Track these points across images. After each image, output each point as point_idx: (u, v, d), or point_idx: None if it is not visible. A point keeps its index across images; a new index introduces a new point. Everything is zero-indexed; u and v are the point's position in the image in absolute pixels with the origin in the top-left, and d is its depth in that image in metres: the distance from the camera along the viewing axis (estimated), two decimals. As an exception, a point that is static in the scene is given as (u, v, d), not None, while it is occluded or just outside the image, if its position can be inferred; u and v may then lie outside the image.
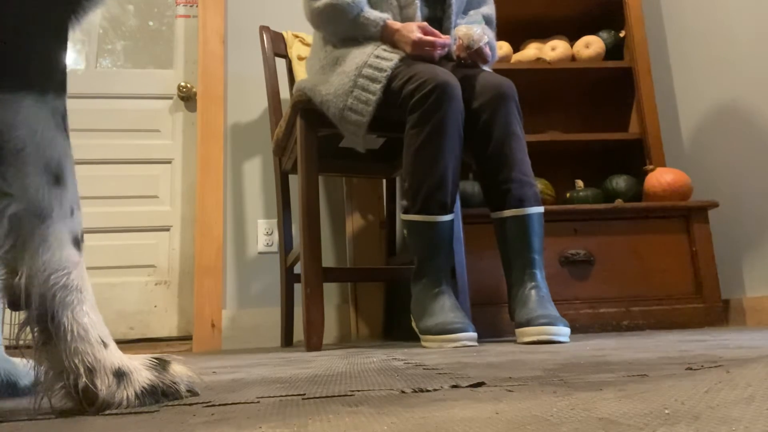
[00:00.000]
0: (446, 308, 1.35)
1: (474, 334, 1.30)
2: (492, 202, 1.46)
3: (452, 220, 1.41)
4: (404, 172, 1.43)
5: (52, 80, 0.54)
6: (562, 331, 1.25)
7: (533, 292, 1.35)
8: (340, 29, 1.56)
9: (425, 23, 1.53)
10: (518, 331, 1.30)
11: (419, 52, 1.49)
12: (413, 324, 1.44)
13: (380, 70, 1.46)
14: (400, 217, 1.46)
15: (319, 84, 1.55)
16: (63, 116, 0.55)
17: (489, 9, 1.74)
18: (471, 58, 1.55)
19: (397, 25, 1.53)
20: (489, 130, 1.44)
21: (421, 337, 1.37)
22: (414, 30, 1.49)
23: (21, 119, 0.51)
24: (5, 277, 0.51)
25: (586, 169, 2.32)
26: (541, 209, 1.42)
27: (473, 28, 1.51)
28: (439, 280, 1.40)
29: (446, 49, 1.53)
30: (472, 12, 1.72)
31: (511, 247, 1.42)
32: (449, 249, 1.43)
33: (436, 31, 1.52)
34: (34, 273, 0.50)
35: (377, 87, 1.44)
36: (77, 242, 0.54)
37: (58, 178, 0.53)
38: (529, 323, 1.27)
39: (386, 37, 1.53)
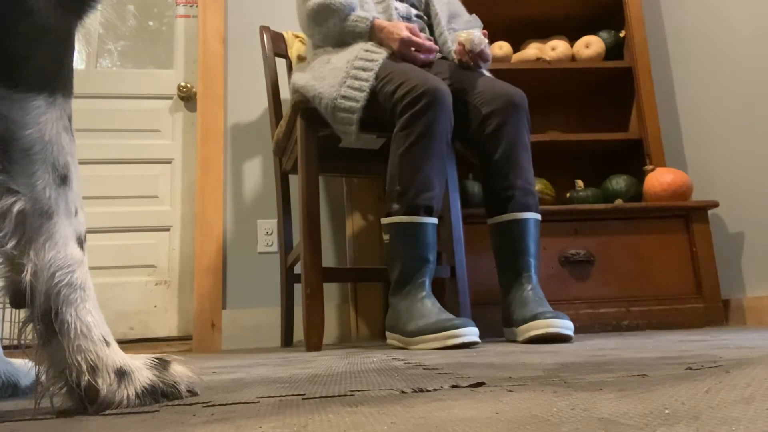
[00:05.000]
0: (437, 309, 1.32)
1: (476, 330, 1.25)
2: (492, 207, 1.47)
3: (436, 225, 1.41)
4: (390, 174, 1.43)
5: (61, 82, 0.55)
6: (568, 325, 1.25)
7: (532, 293, 1.36)
8: (332, 29, 1.60)
9: (414, 26, 1.59)
10: (522, 328, 1.29)
11: (405, 51, 1.54)
12: (391, 337, 1.39)
13: (371, 60, 1.50)
14: (382, 221, 1.43)
15: (312, 79, 1.56)
16: (70, 118, 0.56)
17: (470, 17, 1.81)
18: (472, 60, 1.58)
19: (385, 23, 1.58)
20: (498, 136, 1.46)
21: (413, 339, 1.29)
22: (402, 29, 1.54)
23: (31, 119, 0.52)
24: (10, 273, 0.51)
25: (586, 169, 2.32)
26: (539, 217, 1.45)
27: (474, 33, 1.55)
28: (424, 286, 1.36)
29: (432, 55, 1.60)
30: (468, 18, 1.79)
31: (509, 250, 1.42)
32: (433, 256, 1.40)
33: (423, 36, 1.58)
34: (39, 269, 0.51)
35: (370, 74, 1.47)
36: (81, 242, 0.55)
37: (64, 178, 0.53)
38: (536, 317, 1.26)
39: (374, 33, 1.58)
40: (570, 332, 1.25)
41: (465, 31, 1.59)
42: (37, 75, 0.53)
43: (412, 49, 1.54)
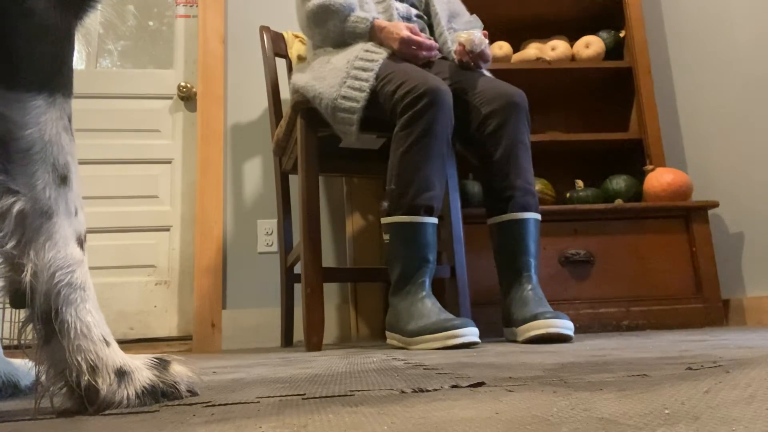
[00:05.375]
0: (437, 309, 1.32)
1: (476, 330, 1.25)
2: (493, 207, 1.47)
3: (436, 225, 1.41)
4: (390, 174, 1.42)
5: (61, 82, 0.55)
6: (568, 325, 1.25)
7: (532, 293, 1.36)
8: (332, 30, 1.60)
9: (414, 25, 1.58)
10: (522, 328, 1.29)
11: (405, 50, 1.53)
12: (391, 336, 1.39)
13: (371, 60, 1.50)
14: (382, 220, 1.43)
15: (312, 80, 1.56)
16: (69, 118, 0.56)
17: (470, 18, 1.81)
18: (473, 60, 1.58)
19: (385, 23, 1.57)
20: (498, 136, 1.46)
21: (413, 339, 1.29)
22: (402, 28, 1.54)
23: (31, 119, 0.52)
24: (10, 273, 0.51)
25: (586, 169, 2.32)
26: (539, 217, 1.45)
27: (474, 33, 1.55)
28: (424, 285, 1.36)
29: (433, 53, 1.59)
30: (468, 19, 1.79)
31: (509, 250, 1.42)
32: (433, 256, 1.40)
33: (423, 35, 1.57)
34: (39, 269, 0.51)
35: (370, 74, 1.47)
36: (81, 242, 0.54)
37: (64, 178, 0.53)
38: (536, 317, 1.25)
39: (374, 34, 1.57)
40: (570, 332, 1.25)
41: (465, 31, 1.59)
42: (36, 75, 0.53)
43: (413, 47, 1.54)
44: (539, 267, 1.47)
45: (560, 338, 1.23)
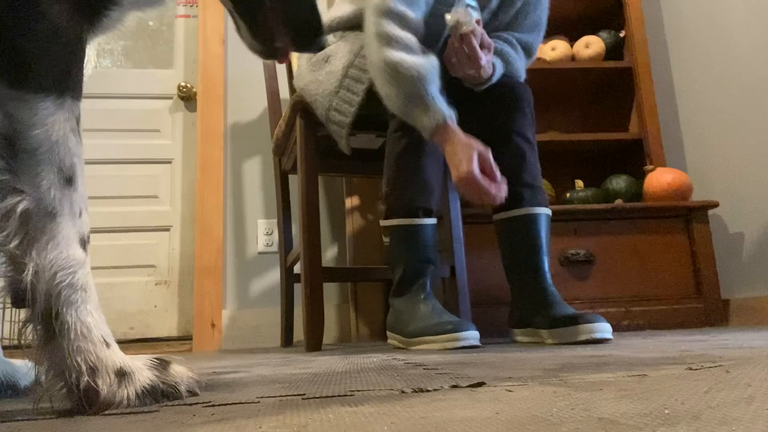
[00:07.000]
0: (438, 310, 1.30)
1: (477, 333, 1.23)
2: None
3: (435, 225, 1.38)
4: (386, 176, 1.39)
5: (70, 85, 0.55)
6: (607, 328, 1.19)
7: (550, 294, 1.31)
8: (397, 94, 1.27)
9: (485, 150, 1.21)
10: (556, 331, 1.23)
11: (463, 190, 1.22)
12: (392, 337, 1.37)
13: (365, 71, 1.41)
14: (381, 223, 1.40)
15: (310, 83, 1.54)
16: (78, 120, 0.56)
17: (529, 37, 1.54)
18: (462, 46, 1.33)
19: (451, 133, 1.23)
20: (503, 132, 1.41)
21: (413, 340, 1.27)
22: (464, 161, 1.17)
23: (39, 119, 0.52)
24: (11, 273, 0.51)
25: (586, 169, 2.32)
26: (551, 213, 1.39)
27: (458, 10, 1.29)
28: (425, 286, 1.34)
29: (496, 199, 1.20)
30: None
31: (521, 247, 1.37)
32: (434, 256, 1.37)
33: (493, 167, 1.21)
34: (40, 270, 0.51)
35: (361, 88, 1.41)
36: (84, 243, 0.55)
37: (69, 179, 0.54)
38: (574, 322, 1.19)
39: (437, 139, 1.26)
40: (610, 335, 1.19)
41: (452, 12, 1.30)
42: (46, 76, 0.53)
43: (474, 191, 1.20)
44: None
45: (601, 342, 1.18)
